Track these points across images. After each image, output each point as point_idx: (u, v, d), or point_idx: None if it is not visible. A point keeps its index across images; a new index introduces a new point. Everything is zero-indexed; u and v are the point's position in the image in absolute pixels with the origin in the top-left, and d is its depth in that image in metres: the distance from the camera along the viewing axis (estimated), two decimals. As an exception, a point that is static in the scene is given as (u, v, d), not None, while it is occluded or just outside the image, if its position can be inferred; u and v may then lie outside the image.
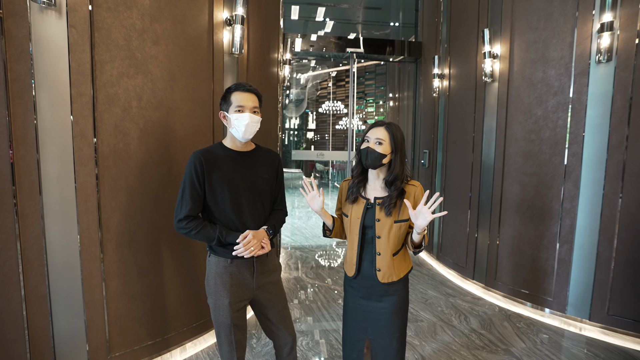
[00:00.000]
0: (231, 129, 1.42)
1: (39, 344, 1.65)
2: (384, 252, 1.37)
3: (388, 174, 1.36)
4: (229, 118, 1.40)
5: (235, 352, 1.44)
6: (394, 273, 1.37)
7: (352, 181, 1.45)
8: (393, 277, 1.37)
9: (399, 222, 1.35)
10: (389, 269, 1.37)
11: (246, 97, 1.40)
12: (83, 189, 1.69)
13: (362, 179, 1.43)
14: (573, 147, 2.49)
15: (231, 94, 1.41)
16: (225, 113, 1.42)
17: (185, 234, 1.37)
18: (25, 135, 1.55)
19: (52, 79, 1.59)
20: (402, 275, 1.39)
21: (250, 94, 1.42)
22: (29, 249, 1.59)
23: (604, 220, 2.37)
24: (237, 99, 1.39)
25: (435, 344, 2.30)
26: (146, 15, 1.83)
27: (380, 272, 1.37)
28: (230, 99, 1.40)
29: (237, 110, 1.38)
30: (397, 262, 1.38)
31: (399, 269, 1.38)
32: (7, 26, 1.48)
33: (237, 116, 1.38)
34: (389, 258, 1.37)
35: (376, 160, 1.33)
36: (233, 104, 1.39)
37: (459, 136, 3.50)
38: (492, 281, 3.05)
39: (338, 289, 3.17)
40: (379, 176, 1.39)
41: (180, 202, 1.37)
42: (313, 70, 12.23)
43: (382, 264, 1.37)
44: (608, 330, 2.40)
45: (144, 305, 1.93)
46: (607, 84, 2.33)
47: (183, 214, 1.35)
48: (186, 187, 1.36)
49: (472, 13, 3.27)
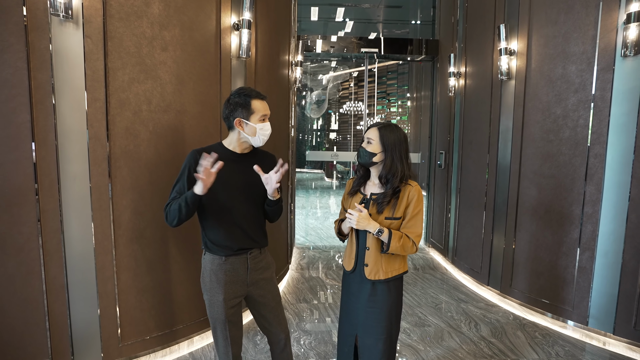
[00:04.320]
0: (251, 137, 1.42)
1: (58, 330, 1.79)
2: (372, 247, 1.39)
3: (382, 172, 1.41)
4: (251, 126, 1.40)
5: (230, 347, 1.49)
6: (380, 270, 1.38)
7: (355, 178, 1.52)
8: (380, 275, 1.38)
9: (389, 219, 1.37)
10: (375, 265, 1.38)
11: (265, 106, 1.45)
12: (97, 188, 1.82)
13: (365, 177, 1.49)
14: (595, 147, 2.33)
15: (251, 102, 1.40)
16: (244, 120, 1.41)
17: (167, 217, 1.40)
18: (46, 137, 1.69)
19: (70, 86, 1.72)
20: (390, 275, 1.39)
21: (265, 102, 1.46)
22: (49, 242, 1.74)
23: (630, 227, 2.20)
24: (259, 108, 1.41)
25: (440, 350, 2.23)
26: (155, 23, 1.94)
27: (368, 267, 1.39)
28: (251, 108, 1.40)
29: (262, 119, 1.42)
30: (385, 259, 1.39)
31: (387, 268, 1.39)
32: (31, 38, 1.63)
33: (262, 125, 1.42)
34: (377, 254, 1.38)
35: (365, 158, 1.40)
36: (255, 112, 1.40)
37: (474, 136, 3.38)
38: (508, 288, 2.91)
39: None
40: (376, 173, 1.45)
41: (170, 194, 1.44)
42: (334, 71, 12.24)
43: (369, 259, 1.39)
44: (635, 346, 2.22)
45: (153, 298, 2.04)
46: (634, 79, 2.15)
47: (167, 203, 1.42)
48: (178, 182, 1.43)
49: (488, 9, 3.14)
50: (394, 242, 1.32)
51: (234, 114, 1.43)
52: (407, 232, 1.36)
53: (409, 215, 1.37)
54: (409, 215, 1.37)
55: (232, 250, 1.45)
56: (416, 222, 1.37)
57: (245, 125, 1.42)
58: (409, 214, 1.37)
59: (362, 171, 1.49)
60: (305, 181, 12.25)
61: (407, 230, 1.36)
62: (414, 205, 1.36)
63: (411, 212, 1.37)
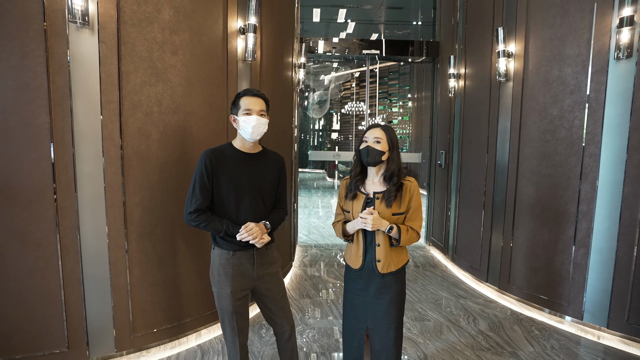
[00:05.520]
0: (240, 131, 1.54)
1: (74, 321, 1.88)
2: (383, 243, 1.48)
3: (385, 170, 1.49)
4: (238, 120, 1.53)
5: (238, 336, 1.57)
6: (392, 263, 1.48)
7: (350, 180, 1.56)
8: (392, 267, 1.48)
9: (396, 215, 1.46)
10: (387, 260, 1.47)
11: (253, 101, 1.53)
12: (111, 186, 1.91)
13: (361, 177, 1.55)
14: (590, 147, 2.40)
15: (240, 99, 1.54)
16: (235, 116, 1.55)
17: (195, 226, 1.50)
18: (64, 138, 1.78)
19: (86, 89, 1.81)
20: (399, 265, 1.49)
21: (257, 98, 1.54)
22: (66, 238, 1.83)
23: (623, 224, 2.27)
24: (245, 103, 1.52)
25: (440, 343, 2.31)
26: (166, 28, 2.02)
27: (380, 262, 1.48)
28: (239, 103, 1.53)
29: (245, 113, 1.51)
30: (395, 253, 1.49)
31: (397, 260, 1.49)
32: (50, 44, 1.72)
33: (245, 118, 1.51)
34: (387, 249, 1.47)
35: (376, 157, 1.47)
36: (242, 107, 1.52)
37: (473, 137, 3.45)
38: (506, 284, 2.98)
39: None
40: (377, 173, 1.51)
41: (190, 196, 1.51)
42: (336, 71, 12.31)
43: (381, 255, 1.48)
44: (628, 340, 2.29)
45: (163, 292, 2.13)
46: (627, 81, 2.23)
47: (193, 208, 1.49)
48: (196, 182, 1.50)
49: (487, 11, 3.22)
50: (404, 236, 1.43)
51: (230, 113, 1.57)
52: (411, 224, 1.47)
53: (411, 208, 1.48)
54: (412, 208, 1.48)
55: (239, 245, 1.53)
56: (418, 214, 1.49)
57: (236, 120, 1.54)
58: (411, 208, 1.48)
59: (359, 171, 1.54)
60: (307, 181, 12.33)
61: (411, 222, 1.48)
62: (415, 199, 1.48)
63: (413, 205, 1.48)
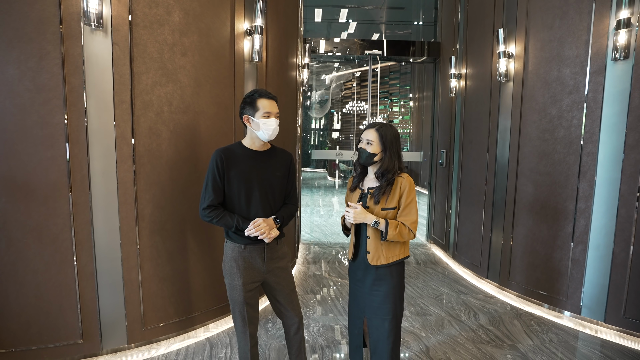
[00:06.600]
0: (257, 132, 1.58)
1: (88, 314, 1.95)
2: (372, 236, 1.54)
3: (378, 169, 1.55)
4: (255, 122, 1.57)
5: (248, 326, 1.64)
6: (382, 256, 1.53)
7: (354, 176, 1.67)
8: (381, 260, 1.53)
9: (385, 210, 1.52)
10: (377, 252, 1.53)
11: (271, 104, 1.59)
12: (123, 183, 1.97)
13: (363, 173, 1.64)
14: (588, 146, 2.46)
15: (257, 100, 1.57)
16: (250, 117, 1.58)
17: (209, 221, 1.57)
18: (78, 137, 1.84)
19: (99, 89, 1.87)
20: (391, 260, 1.54)
21: (273, 101, 1.61)
22: (80, 233, 1.89)
23: (620, 221, 2.33)
24: (263, 105, 1.57)
25: (441, 336, 2.38)
26: (176, 30, 2.08)
27: (370, 254, 1.54)
28: (256, 105, 1.57)
29: (265, 115, 1.56)
30: (385, 246, 1.53)
31: (387, 254, 1.53)
32: (66, 47, 1.78)
33: (265, 121, 1.56)
34: (377, 242, 1.53)
35: (367, 159, 1.55)
36: (260, 109, 1.56)
37: (474, 136, 3.51)
38: (506, 280, 3.05)
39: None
40: (373, 170, 1.60)
41: (204, 193, 1.58)
42: (337, 71, 12.37)
43: (370, 247, 1.54)
44: (625, 334, 2.35)
45: (173, 287, 2.19)
46: (624, 82, 2.29)
47: (206, 204, 1.56)
48: (209, 180, 1.57)
49: (488, 13, 3.27)
50: (390, 231, 1.47)
51: (243, 112, 1.61)
52: (403, 220, 1.50)
53: (403, 204, 1.51)
54: (403, 204, 1.51)
55: (250, 239, 1.59)
56: (410, 210, 1.51)
57: (251, 121, 1.58)
58: (402, 203, 1.51)
59: (360, 169, 1.63)
60: (308, 180, 12.41)
61: (403, 218, 1.51)
62: (406, 195, 1.51)
63: (404, 201, 1.51)
